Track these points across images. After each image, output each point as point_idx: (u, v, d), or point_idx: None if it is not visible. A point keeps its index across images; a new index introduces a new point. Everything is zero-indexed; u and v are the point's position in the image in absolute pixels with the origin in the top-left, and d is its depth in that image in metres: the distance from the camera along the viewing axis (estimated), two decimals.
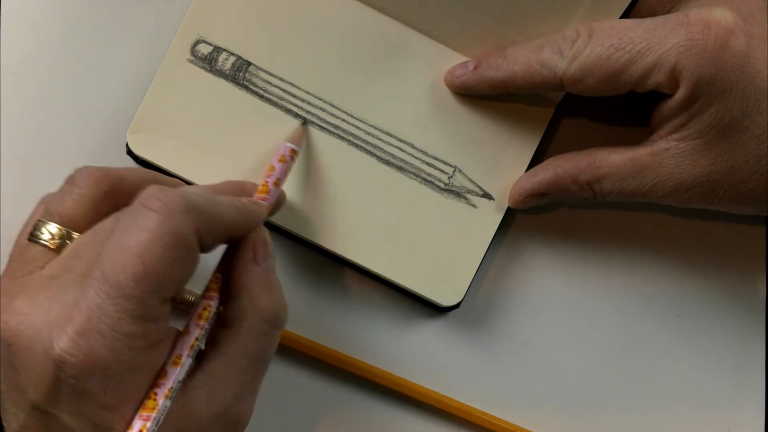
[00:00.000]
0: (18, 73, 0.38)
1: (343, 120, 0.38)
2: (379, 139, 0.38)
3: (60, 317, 0.25)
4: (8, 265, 0.30)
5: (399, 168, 0.38)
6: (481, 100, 0.38)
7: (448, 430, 0.39)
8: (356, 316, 0.39)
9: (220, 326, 0.29)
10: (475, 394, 0.39)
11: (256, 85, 0.37)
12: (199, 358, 0.28)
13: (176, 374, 0.27)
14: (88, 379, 0.25)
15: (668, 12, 0.35)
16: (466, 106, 0.38)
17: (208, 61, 0.37)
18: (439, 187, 0.38)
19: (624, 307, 0.40)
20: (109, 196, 0.30)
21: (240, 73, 0.37)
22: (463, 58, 0.38)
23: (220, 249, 0.30)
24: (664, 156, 0.35)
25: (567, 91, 0.36)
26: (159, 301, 0.26)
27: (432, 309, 0.39)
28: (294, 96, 0.37)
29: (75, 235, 0.29)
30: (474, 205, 0.38)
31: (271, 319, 0.29)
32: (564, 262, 0.40)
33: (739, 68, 0.32)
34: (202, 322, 0.29)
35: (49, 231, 0.29)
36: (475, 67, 0.37)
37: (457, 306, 0.38)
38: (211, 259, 0.30)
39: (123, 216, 0.27)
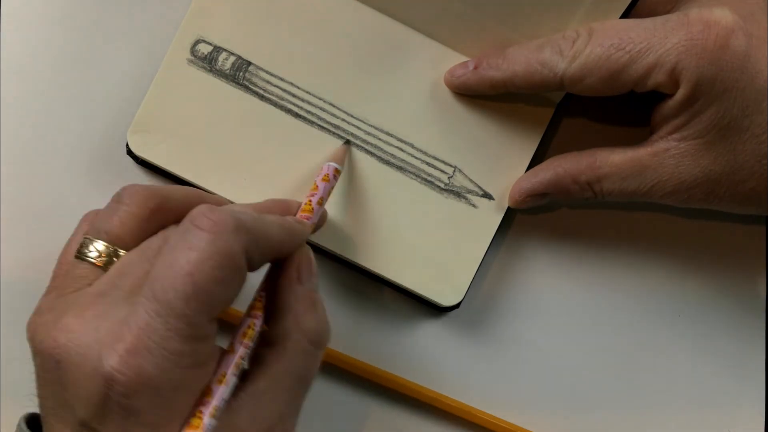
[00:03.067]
0: (18, 73, 0.38)
1: (343, 120, 0.38)
2: (379, 139, 0.38)
3: (109, 335, 0.25)
4: (53, 280, 0.30)
5: (399, 168, 0.38)
6: (481, 100, 0.38)
7: (448, 430, 0.39)
8: (356, 315, 0.39)
9: (264, 345, 0.29)
10: (475, 394, 0.39)
11: (256, 85, 0.37)
12: (243, 377, 0.28)
13: (221, 392, 0.27)
14: (136, 397, 0.25)
15: (668, 12, 0.35)
16: (466, 106, 0.38)
17: (208, 60, 0.37)
18: (439, 187, 0.38)
19: (624, 307, 0.40)
20: (155, 215, 0.29)
21: (240, 73, 0.37)
22: (463, 58, 0.38)
23: (264, 267, 0.30)
24: (664, 156, 0.35)
25: (567, 91, 0.36)
26: (207, 320, 0.26)
27: (432, 309, 0.39)
28: (294, 96, 0.37)
29: (121, 252, 0.29)
30: (474, 205, 0.38)
31: (314, 338, 0.29)
32: (564, 262, 0.40)
33: (740, 68, 0.32)
34: (246, 341, 0.28)
35: (96, 248, 0.29)
36: (475, 67, 0.37)
37: (457, 306, 0.38)
38: (255, 277, 0.30)
39: (173, 235, 0.27)
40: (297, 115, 0.37)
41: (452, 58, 0.38)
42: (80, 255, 0.29)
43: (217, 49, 0.37)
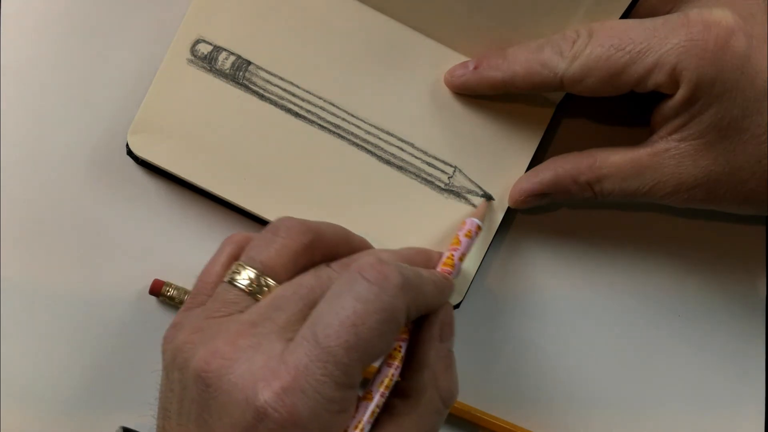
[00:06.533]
0: (18, 73, 0.38)
1: (344, 119, 0.38)
2: (380, 139, 0.38)
3: (264, 369, 0.25)
4: (194, 297, 0.30)
5: (399, 168, 0.38)
6: (481, 100, 0.38)
7: (448, 430, 0.39)
8: None
9: (397, 396, 0.30)
10: (475, 394, 0.39)
11: (256, 84, 0.37)
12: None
13: None
14: None
15: (669, 12, 0.35)
16: (466, 106, 0.38)
17: (208, 60, 0.37)
18: (439, 187, 0.38)
19: (624, 307, 0.40)
20: (307, 250, 0.30)
21: (240, 73, 0.37)
22: (463, 58, 0.38)
23: None
24: (664, 156, 0.35)
25: (567, 92, 0.36)
26: (360, 370, 0.26)
27: None
28: (294, 95, 0.37)
29: (270, 281, 0.29)
30: (474, 205, 0.38)
31: (447, 398, 0.30)
32: (564, 262, 0.40)
33: (740, 69, 0.32)
34: (383, 390, 0.29)
35: (249, 276, 0.29)
36: (476, 67, 0.37)
37: (457, 306, 0.38)
38: None
39: (338, 280, 0.27)
40: (297, 115, 0.37)
41: (452, 58, 0.38)
42: (231, 280, 0.29)
43: (217, 49, 0.37)
